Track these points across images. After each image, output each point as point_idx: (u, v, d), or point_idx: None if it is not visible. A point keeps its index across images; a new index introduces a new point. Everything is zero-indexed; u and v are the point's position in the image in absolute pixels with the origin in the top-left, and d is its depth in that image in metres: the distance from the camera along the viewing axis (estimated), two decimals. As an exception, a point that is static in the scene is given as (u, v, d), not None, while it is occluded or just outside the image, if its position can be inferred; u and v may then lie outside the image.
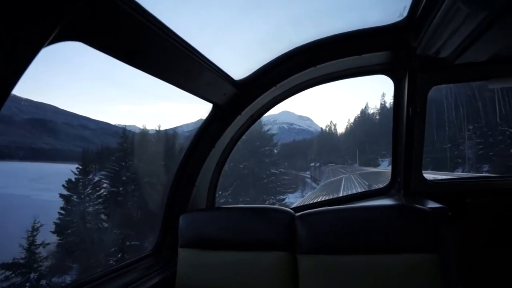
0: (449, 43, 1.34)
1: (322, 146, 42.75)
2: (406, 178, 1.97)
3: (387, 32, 1.57)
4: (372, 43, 1.64)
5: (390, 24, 1.54)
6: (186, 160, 1.74)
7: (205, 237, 1.54)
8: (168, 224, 1.74)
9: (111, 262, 11.55)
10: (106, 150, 18.76)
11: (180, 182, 1.74)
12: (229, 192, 20.91)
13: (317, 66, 1.68)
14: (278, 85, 1.70)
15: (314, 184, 29.55)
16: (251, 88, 1.68)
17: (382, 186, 2.16)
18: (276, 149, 28.89)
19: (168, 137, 18.70)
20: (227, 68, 1.44)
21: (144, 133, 19.25)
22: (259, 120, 1.98)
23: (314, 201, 2.33)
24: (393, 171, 2.06)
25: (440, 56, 1.51)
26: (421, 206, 1.37)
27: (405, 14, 1.48)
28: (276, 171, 25.75)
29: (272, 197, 22.56)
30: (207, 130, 1.73)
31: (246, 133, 1.92)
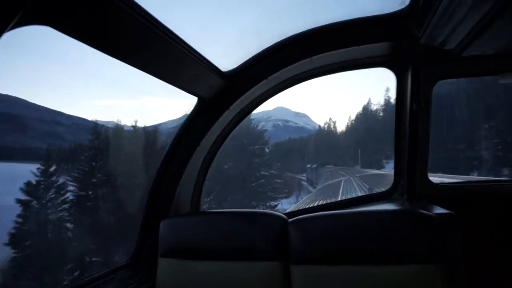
0: (455, 34, 1.38)
1: (320, 145, 41.65)
2: (410, 180, 2.02)
3: (388, 21, 1.62)
4: (372, 33, 1.68)
5: (392, 12, 1.60)
6: (168, 159, 1.77)
7: (188, 245, 1.57)
8: (147, 230, 1.77)
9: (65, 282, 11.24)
10: (78, 148, 18.59)
11: (162, 184, 1.78)
12: (211, 197, 20.81)
13: (313, 58, 1.73)
14: (269, 78, 1.75)
15: (310, 188, 30.04)
16: (241, 81, 1.73)
17: (384, 190, 2.22)
18: (268, 148, 28.97)
19: (149, 134, 18.97)
20: (214, 59, 1.48)
21: (121, 129, 19.29)
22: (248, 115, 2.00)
23: (309, 206, 2.36)
24: (396, 173, 2.11)
25: (445, 48, 1.56)
26: (426, 212, 1.41)
27: (407, 1, 1.54)
28: (267, 173, 25.87)
29: (262, 204, 22.83)
30: (191, 127, 1.76)
31: (234, 130, 1.95)
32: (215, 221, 1.60)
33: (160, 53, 1.22)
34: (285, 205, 22.69)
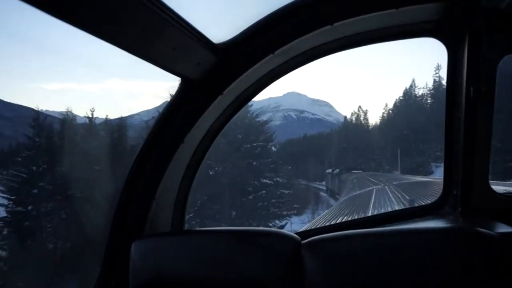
0: None
1: (345, 144, 43.00)
2: (465, 189, 2.03)
3: None
4: None
5: None
6: (141, 162, 1.80)
7: (169, 274, 1.60)
8: (114, 257, 1.79)
9: None
10: (21, 147, 18.45)
11: (133, 194, 1.81)
12: (191, 215, 20.31)
13: (335, 24, 1.74)
14: (277, 52, 1.77)
15: (332, 200, 30.46)
16: (238, 56, 1.75)
17: (430, 202, 2.26)
18: (273, 146, 28.79)
19: (115, 129, 18.95)
20: (202, 26, 1.50)
21: (76, 122, 19.48)
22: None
23: (329, 224, 2.41)
24: (446, 180, 2.14)
25: None
26: (486, 231, 1.43)
27: None
28: (270, 182, 25.70)
29: (263, 224, 22.93)
30: (173, 118, 1.79)
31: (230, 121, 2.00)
32: (204, 242, 1.63)
33: (128, 16, 1.24)
34: (296, 226, 22.83)
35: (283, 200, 26.23)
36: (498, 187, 2.20)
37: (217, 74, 1.76)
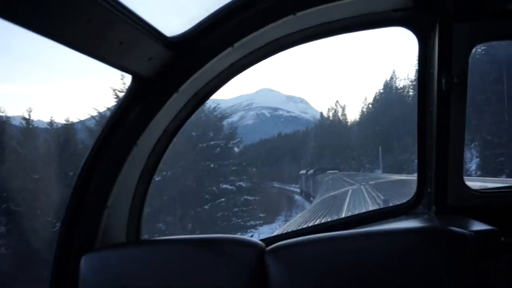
0: None
1: (323, 142, 41.25)
2: (439, 187, 2.07)
3: None
4: None
5: None
6: (90, 168, 1.74)
7: None
8: (62, 273, 1.73)
9: None
10: None
11: (82, 203, 1.75)
12: None
13: (298, 14, 1.71)
14: (236, 45, 1.74)
15: (307, 204, 29.89)
16: (194, 50, 1.72)
17: (404, 201, 2.28)
18: (236, 146, 26.16)
19: (67, 132, 18.58)
20: (153, 19, 1.46)
21: (23, 128, 17.88)
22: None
23: (299, 228, 2.57)
24: (420, 178, 2.17)
25: None
26: (461, 229, 1.47)
27: None
28: (232, 187, 23.06)
29: (222, 237, 19.49)
30: (124, 119, 1.73)
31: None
32: (162, 253, 1.62)
33: (70, 9, 1.19)
34: (265, 236, 19.73)
35: (248, 208, 23.47)
36: (474, 183, 2.27)
37: (171, 70, 1.71)
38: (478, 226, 1.74)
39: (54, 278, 1.73)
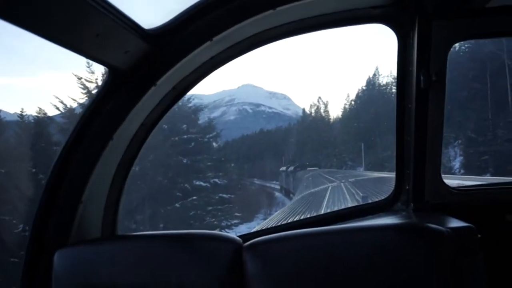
0: None
1: (305, 139, 40.87)
2: (417, 184, 2.11)
3: None
4: None
5: None
6: (65, 161, 1.72)
7: (96, 285, 1.56)
8: (34, 269, 1.71)
9: None
10: None
11: (56, 196, 1.73)
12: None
13: (277, 9, 1.73)
14: (215, 39, 1.75)
15: (288, 201, 29.16)
16: (172, 43, 1.73)
17: (382, 198, 2.31)
18: (214, 141, 24.34)
19: (32, 126, 17.99)
20: (131, 11, 1.46)
21: None
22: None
23: (277, 225, 2.62)
24: (398, 175, 2.20)
25: None
26: (437, 226, 1.50)
27: None
28: (206, 184, 21.52)
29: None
30: (100, 112, 1.73)
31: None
32: (138, 248, 1.61)
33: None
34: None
35: (223, 206, 21.85)
36: (452, 181, 2.31)
37: (149, 63, 1.71)
38: (455, 223, 1.79)
39: (26, 274, 1.72)
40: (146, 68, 1.70)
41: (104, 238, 1.87)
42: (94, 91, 17.02)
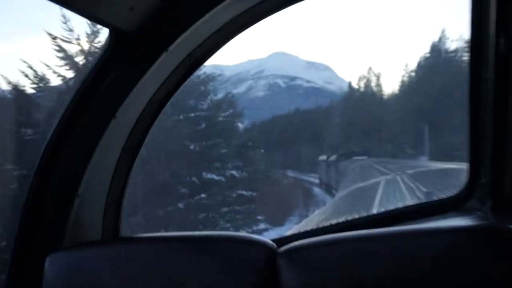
0: None
1: (352, 120, 36.93)
2: (496, 177, 1.89)
3: None
4: None
5: None
6: (58, 144, 1.62)
7: None
8: (23, 276, 1.64)
9: None
10: None
11: (47, 188, 1.63)
12: None
13: None
14: None
15: (329, 199, 26.55)
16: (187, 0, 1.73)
17: (451, 195, 2.15)
18: (231, 121, 19.68)
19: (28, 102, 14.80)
20: None
21: None
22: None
23: (318, 227, 2.45)
24: (472, 165, 2.02)
25: None
26: None
27: None
28: (220, 177, 17.67)
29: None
30: (100, 85, 1.62)
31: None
32: (148, 253, 1.50)
33: None
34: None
35: (241, 207, 17.66)
36: None
37: (159, 23, 1.57)
38: None
39: (11, 282, 1.65)
40: (155, 30, 1.57)
41: (103, 241, 1.77)
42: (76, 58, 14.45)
